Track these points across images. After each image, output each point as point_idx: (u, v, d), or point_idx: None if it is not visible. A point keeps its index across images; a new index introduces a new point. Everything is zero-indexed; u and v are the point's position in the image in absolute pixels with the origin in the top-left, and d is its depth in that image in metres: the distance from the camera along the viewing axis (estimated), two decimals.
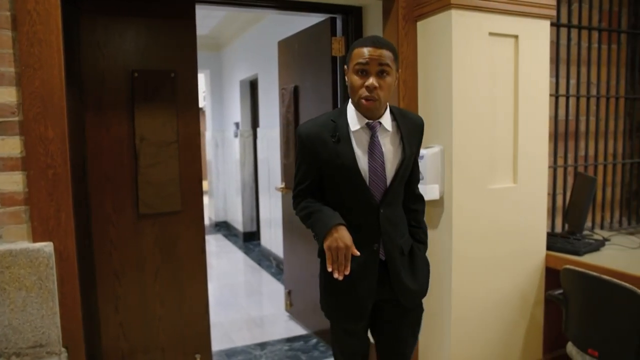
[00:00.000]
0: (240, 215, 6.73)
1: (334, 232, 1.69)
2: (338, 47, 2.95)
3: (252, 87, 6.43)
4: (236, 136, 6.70)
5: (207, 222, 7.72)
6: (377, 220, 1.78)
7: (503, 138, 2.52)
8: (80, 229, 2.32)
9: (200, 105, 6.71)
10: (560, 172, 3.02)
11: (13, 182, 1.85)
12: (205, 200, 7.79)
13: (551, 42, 2.68)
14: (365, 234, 1.78)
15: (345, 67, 1.80)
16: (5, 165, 1.83)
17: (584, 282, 2.06)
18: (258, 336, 3.58)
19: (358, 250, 1.70)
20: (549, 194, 2.89)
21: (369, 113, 1.75)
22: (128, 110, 2.50)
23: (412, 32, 2.55)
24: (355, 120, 1.77)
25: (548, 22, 2.58)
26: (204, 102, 8.03)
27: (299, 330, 3.64)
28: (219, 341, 3.45)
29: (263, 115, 5.73)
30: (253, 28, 5.78)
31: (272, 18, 5.06)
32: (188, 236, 2.65)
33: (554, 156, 2.94)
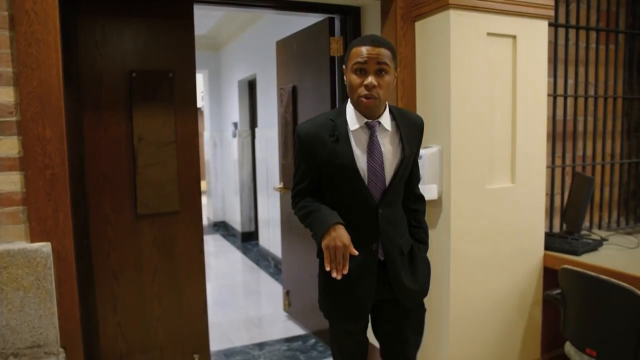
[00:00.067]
0: (238, 215, 6.73)
1: (332, 232, 1.68)
2: (336, 47, 2.95)
3: (251, 87, 6.43)
4: (234, 136, 6.69)
5: (205, 222, 7.72)
6: (376, 220, 1.78)
7: (501, 138, 2.52)
8: (78, 229, 2.32)
9: (199, 105, 6.70)
10: (558, 172, 3.02)
11: (11, 182, 1.84)
12: (204, 200, 7.82)
13: (549, 42, 2.68)
14: (364, 234, 1.78)
15: (343, 67, 1.80)
16: (3, 165, 1.83)
17: (582, 282, 2.06)
18: (256, 336, 3.58)
19: (356, 250, 1.70)
20: (547, 194, 2.90)
21: (368, 112, 1.75)
22: (126, 110, 2.49)
23: (410, 32, 2.55)
24: (354, 120, 1.77)
25: (546, 22, 2.58)
26: (202, 102, 8.02)
27: (297, 330, 3.64)
28: (218, 341, 3.45)
29: (261, 115, 5.73)
30: (251, 28, 5.78)
31: (271, 18, 5.06)
32: (186, 236, 2.65)
33: (552, 156, 2.95)
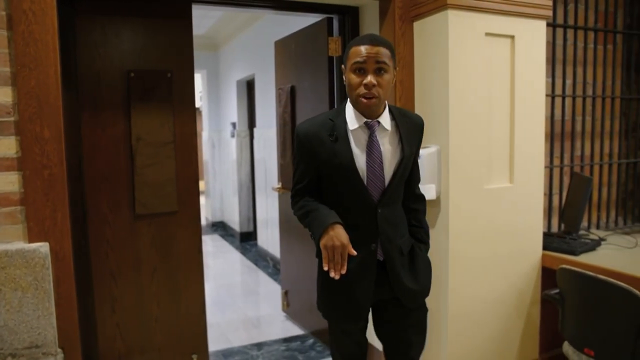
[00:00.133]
0: (237, 216, 6.72)
1: (330, 231, 1.68)
2: (335, 47, 2.95)
3: (249, 87, 6.42)
4: (233, 136, 6.69)
5: (203, 222, 7.72)
6: (375, 220, 1.77)
7: (499, 138, 2.52)
8: (76, 229, 2.31)
9: (197, 105, 6.69)
10: (556, 172, 3.02)
11: (9, 182, 1.84)
12: (202, 200, 7.82)
13: (547, 42, 2.68)
14: (362, 234, 1.78)
15: (342, 67, 1.80)
16: (1, 165, 1.83)
17: (580, 282, 2.06)
18: (255, 336, 3.58)
19: (355, 250, 1.69)
20: (545, 194, 2.90)
21: (368, 111, 1.74)
22: (124, 111, 2.49)
23: (408, 32, 2.55)
24: (353, 119, 1.77)
25: (544, 22, 2.58)
26: (200, 102, 8.02)
27: (295, 330, 3.64)
28: (216, 341, 3.45)
29: (260, 115, 5.73)
30: (250, 28, 5.78)
31: (269, 18, 5.06)
32: (185, 236, 2.65)
33: (550, 156, 2.95)
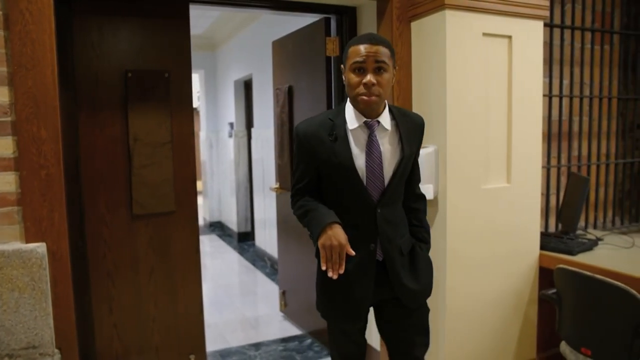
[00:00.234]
0: (234, 216, 6.72)
1: (328, 230, 1.68)
2: (332, 47, 2.95)
3: (247, 87, 6.42)
4: (230, 136, 6.69)
5: (201, 222, 7.71)
6: (374, 220, 1.77)
7: (497, 138, 2.53)
8: (73, 229, 2.31)
9: (195, 105, 6.70)
10: (553, 172, 3.03)
11: (6, 182, 1.84)
12: (200, 200, 7.79)
13: (544, 42, 2.69)
14: (362, 234, 1.77)
15: (342, 67, 1.79)
16: None
17: (577, 282, 2.07)
18: (252, 336, 3.58)
19: (354, 250, 1.69)
20: (542, 194, 2.90)
21: (367, 110, 1.74)
22: (122, 111, 2.49)
23: (406, 32, 2.55)
24: (353, 119, 1.76)
25: (541, 22, 2.59)
26: (198, 102, 8.01)
27: (293, 330, 3.64)
28: (214, 342, 3.45)
29: (257, 116, 5.72)
30: (247, 28, 5.77)
31: (267, 18, 5.06)
32: (182, 236, 2.64)
33: (547, 156, 2.96)
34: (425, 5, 2.42)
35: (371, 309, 1.91)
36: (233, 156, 6.57)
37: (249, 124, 6.41)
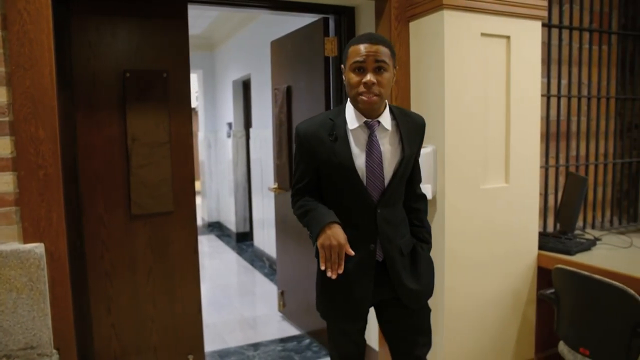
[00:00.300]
0: (233, 216, 6.71)
1: (327, 230, 1.68)
2: (331, 47, 2.95)
3: (245, 87, 6.42)
4: (229, 136, 6.68)
5: (199, 222, 7.69)
6: (375, 220, 1.77)
7: (495, 138, 2.53)
8: (71, 229, 2.31)
9: (193, 105, 6.71)
10: (552, 172, 3.03)
11: (3, 182, 1.83)
12: (198, 200, 7.76)
13: (543, 42, 2.69)
14: (362, 234, 1.77)
15: (342, 67, 1.79)
16: None
17: (576, 282, 2.07)
18: (251, 337, 3.57)
19: (354, 250, 1.69)
20: (540, 194, 2.91)
21: (368, 110, 1.74)
22: (120, 111, 2.48)
23: (404, 32, 2.55)
24: (353, 119, 1.76)
25: (539, 22, 2.59)
26: (196, 102, 8.01)
27: (292, 330, 3.64)
28: (212, 342, 3.44)
29: (256, 116, 5.72)
30: (246, 28, 5.77)
31: (265, 18, 5.05)
32: (180, 237, 2.64)
33: (545, 156, 2.96)
34: (423, 5, 2.42)
35: (372, 309, 1.91)
36: (231, 156, 6.57)
37: (248, 124, 6.41)
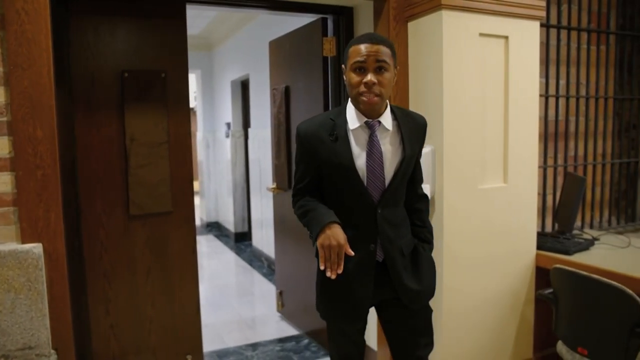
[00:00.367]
0: (231, 216, 6.71)
1: (327, 230, 1.68)
2: (329, 47, 2.95)
3: (244, 87, 6.42)
4: (227, 136, 6.68)
5: (198, 222, 7.70)
6: (375, 220, 1.77)
7: (493, 138, 2.53)
8: (69, 230, 2.30)
9: (191, 105, 6.68)
10: (550, 172, 3.04)
11: (1, 182, 1.83)
12: (197, 200, 7.79)
13: (541, 43, 2.69)
14: (362, 234, 1.77)
15: (342, 67, 1.79)
16: None
17: (574, 281, 2.07)
18: (250, 337, 3.57)
19: (353, 250, 1.69)
20: (539, 194, 2.91)
21: (369, 110, 1.73)
22: (118, 111, 2.48)
23: (403, 32, 2.55)
24: (354, 119, 1.76)
25: (538, 23, 2.59)
26: (194, 103, 8.00)
27: (290, 330, 3.64)
28: (211, 342, 3.44)
29: (254, 116, 5.72)
30: (244, 28, 5.77)
31: (264, 18, 5.05)
32: (179, 237, 2.64)
33: (544, 156, 2.96)
34: (421, 5, 2.42)
35: (372, 309, 1.91)
36: (230, 156, 6.56)
37: (246, 124, 6.41)
